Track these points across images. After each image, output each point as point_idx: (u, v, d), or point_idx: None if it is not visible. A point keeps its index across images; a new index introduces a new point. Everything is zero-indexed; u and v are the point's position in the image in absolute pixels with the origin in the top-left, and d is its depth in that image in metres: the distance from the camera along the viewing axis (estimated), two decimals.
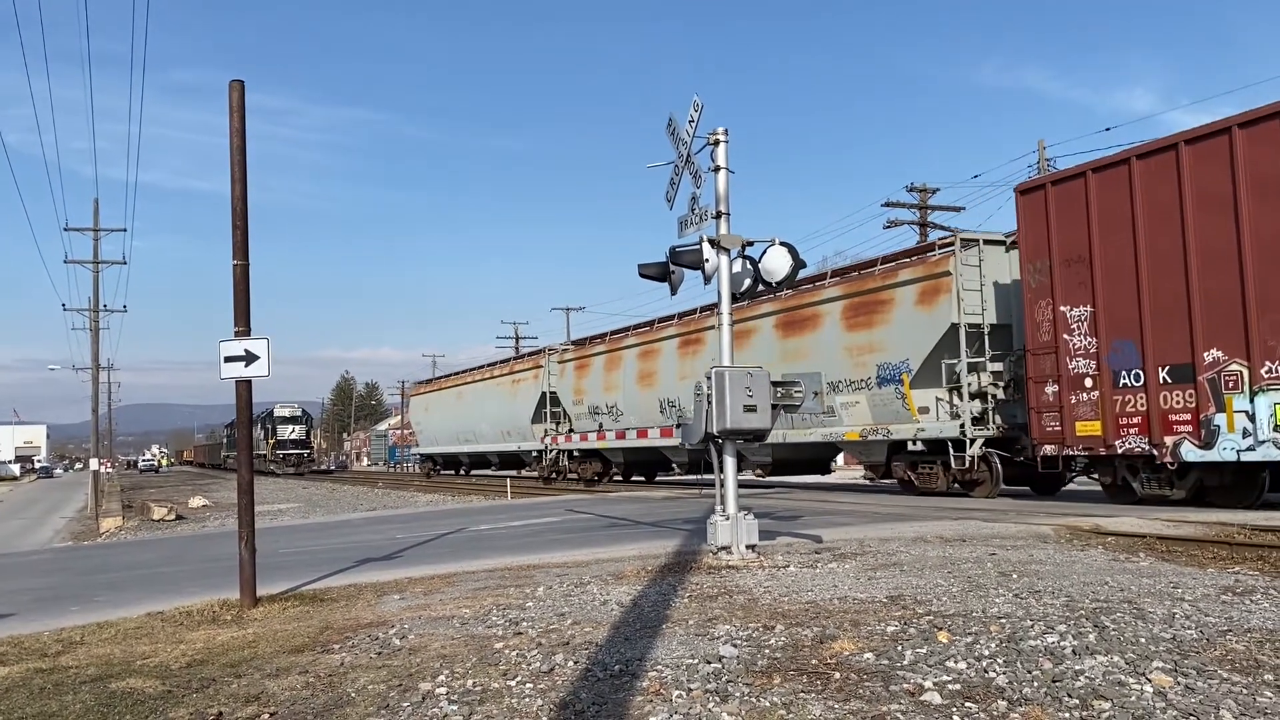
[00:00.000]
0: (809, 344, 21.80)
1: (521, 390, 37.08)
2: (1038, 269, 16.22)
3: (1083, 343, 15.45)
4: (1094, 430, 15.24)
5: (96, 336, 42.32)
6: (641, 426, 29.05)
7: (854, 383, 20.49)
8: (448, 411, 45.49)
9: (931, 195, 36.66)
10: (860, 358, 20.26)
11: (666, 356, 27.70)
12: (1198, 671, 4.92)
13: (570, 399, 33.20)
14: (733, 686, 5.00)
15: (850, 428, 20.86)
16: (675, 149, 10.88)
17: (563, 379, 33.97)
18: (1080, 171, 15.58)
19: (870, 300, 20.20)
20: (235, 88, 9.38)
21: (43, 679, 6.15)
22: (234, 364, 9.06)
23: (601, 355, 31.62)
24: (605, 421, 31.03)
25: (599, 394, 31.35)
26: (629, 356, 29.70)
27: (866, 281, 20.51)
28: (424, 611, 7.81)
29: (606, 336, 32.44)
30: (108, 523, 28.51)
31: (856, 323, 20.38)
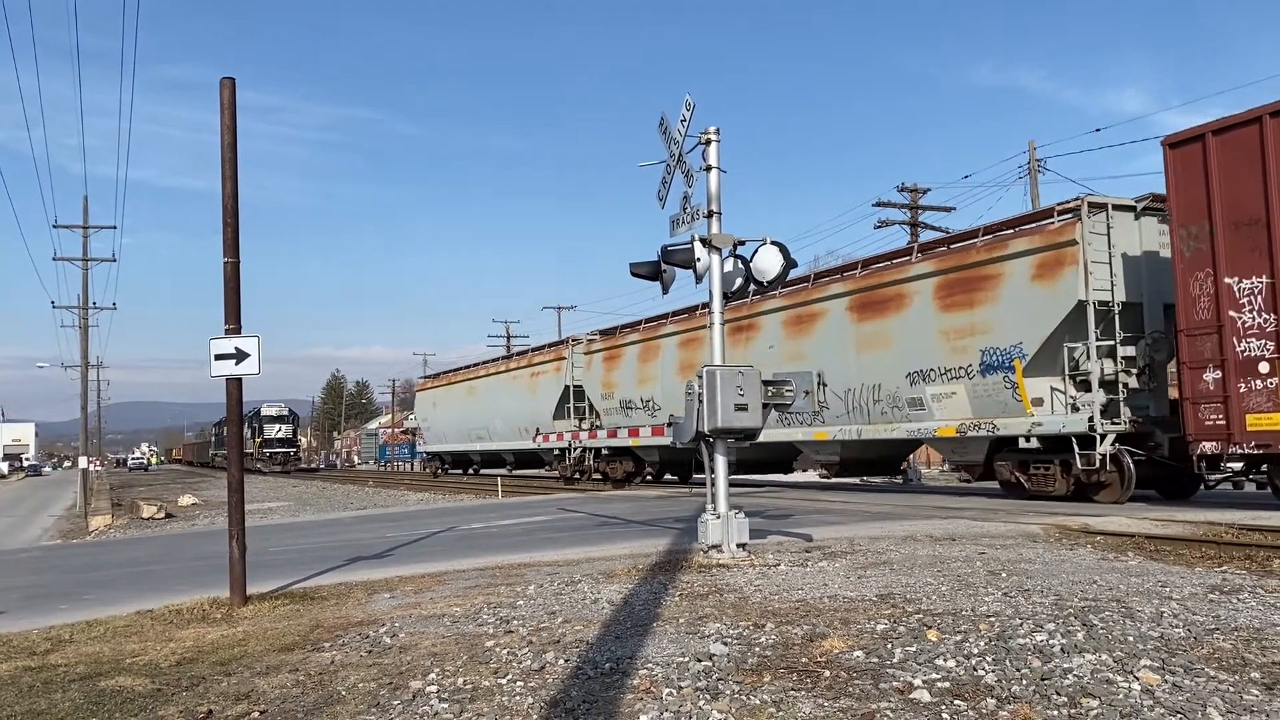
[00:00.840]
0: (892, 328, 19.34)
1: (542, 384, 34.70)
2: (1193, 235, 13.94)
3: (1256, 320, 13.26)
4: (1273, 424, 13.10)
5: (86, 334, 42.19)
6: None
7: (949, 371, 18.07)
8: (458, 407, 42.99)
9: (922, 195, 36.74)
10: (958, 342, 17.81)
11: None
12: (1185, 669, 4.95)
13: (598, 392, 30.89)
14: (723, 684, 5.01)
15: (944, 422, 18.39)
16: (667, 148, 10.89)
17: (589, 371, 31.51)
18: (1253, 117, 13.25)
19: (972, 276, 17.63)
20: (226, 85, 9.36)
21: (31, 677, 6.13)
22: (224, 362, 9.03)
23: (635, 345, 29.02)
24: (639, 416, 28.68)
25: (632, 387, 28.93)
26: (668, 346, 27.27)
27: (967, 255, 17.90)
28: (415, 610, 7.81)
29: (640, 325, 29.94)
30: (97, 521, 28.40)
31: (954, 302, 17.88)
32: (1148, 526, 11.87)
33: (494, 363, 41.57)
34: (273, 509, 29.09)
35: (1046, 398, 16.59)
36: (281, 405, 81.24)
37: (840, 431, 21.03)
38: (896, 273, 19.58)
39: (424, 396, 48.53)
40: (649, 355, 28.18)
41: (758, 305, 23.27)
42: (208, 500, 36.06)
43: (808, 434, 21.96)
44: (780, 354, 22.02)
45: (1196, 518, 12.65)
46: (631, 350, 29.11)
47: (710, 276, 10.51)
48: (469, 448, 42.58)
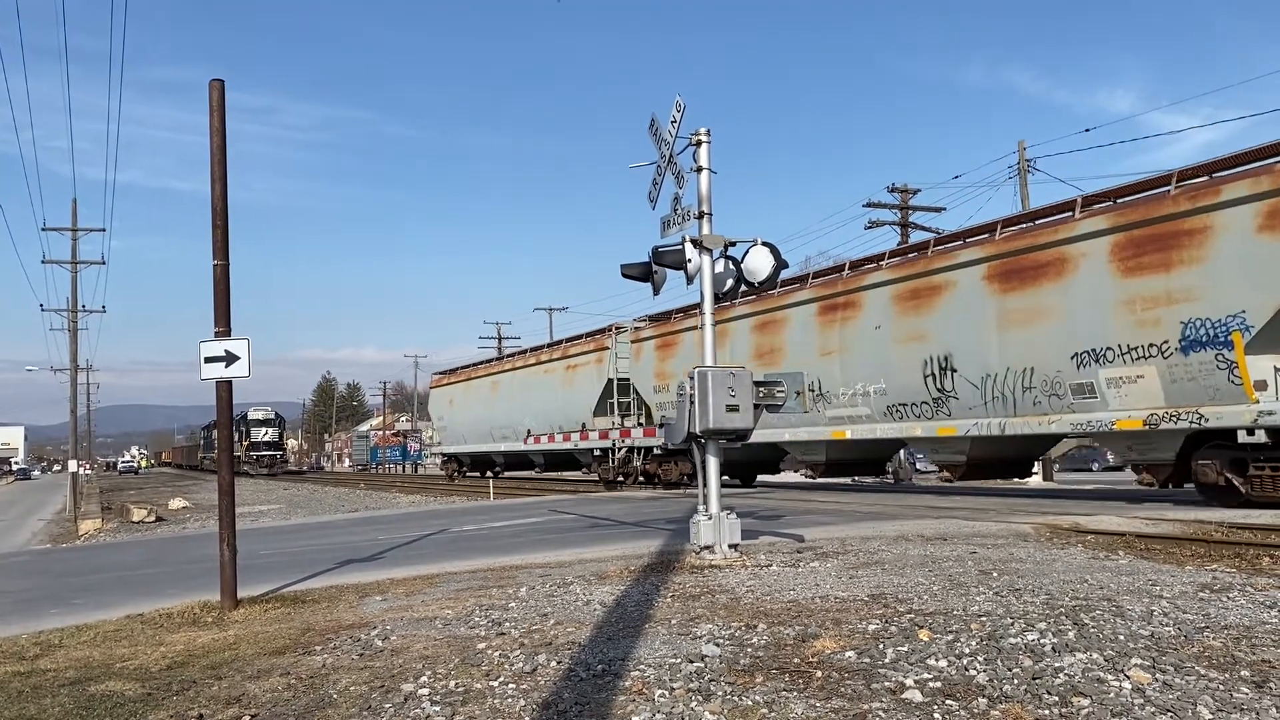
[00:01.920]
0: (1050, 299, 16.17)
1: (579, 377, 31.44)
2: None
3: None
4: None
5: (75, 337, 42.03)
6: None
7: (1134, 349, 14.90)
8: (479, 405, 39.45)
9: (912, 196, 36.81)
10: (1147, 313, 14.61)
11: (799, 327, 22.01)
12: (1176, 668, 4.97)
13: (650, 385, 27.60)
14: (715, 685, 5.01)
15: (1124, 412, 15.18)
16: (658, 149, 10.90)
17: (638, 362, 28.22)
18: None
19: (1166, 232, 14.49)
20: (215, 87, 9.33)
21: (21, 682, 6.10)
22: (214, 365, 9.01)
23: (696, 330, 24.74)
24: None
25: None
26: (739, 330, 24.16)
27: (1157, 205, 14.74)
28: (406, 612, 7.79)
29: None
30: (87, 525, 28.28)
31: (1140, 265, 14.71)
32: (1138, 525, 11.91)
33: (521, 355, 37.73)
34: (263, 512, 29.01)
35: (1270, 380, 13.69)
36: (268, 409, 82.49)
37: (974, 426, 17.70)
38: (1053, 232, 16.35)
39: (439, 394, 44.95)
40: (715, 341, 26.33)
41: (857, 279, 20.51)
42: (198, 503, 35.94)
43: (929, 429, 18.74)
44: (892, 334, 19.22)
45: (1186, 516, 12.70)
46: (693, 337, 25.69)
47: (701, 278, 10.52)
48: (491, 448, 39.00)
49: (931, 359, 18.29)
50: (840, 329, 20.64)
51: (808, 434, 21.96)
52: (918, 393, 18.73)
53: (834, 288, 21.15)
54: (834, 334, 20.80)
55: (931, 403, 18.50)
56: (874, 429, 20.15)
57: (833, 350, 20.86)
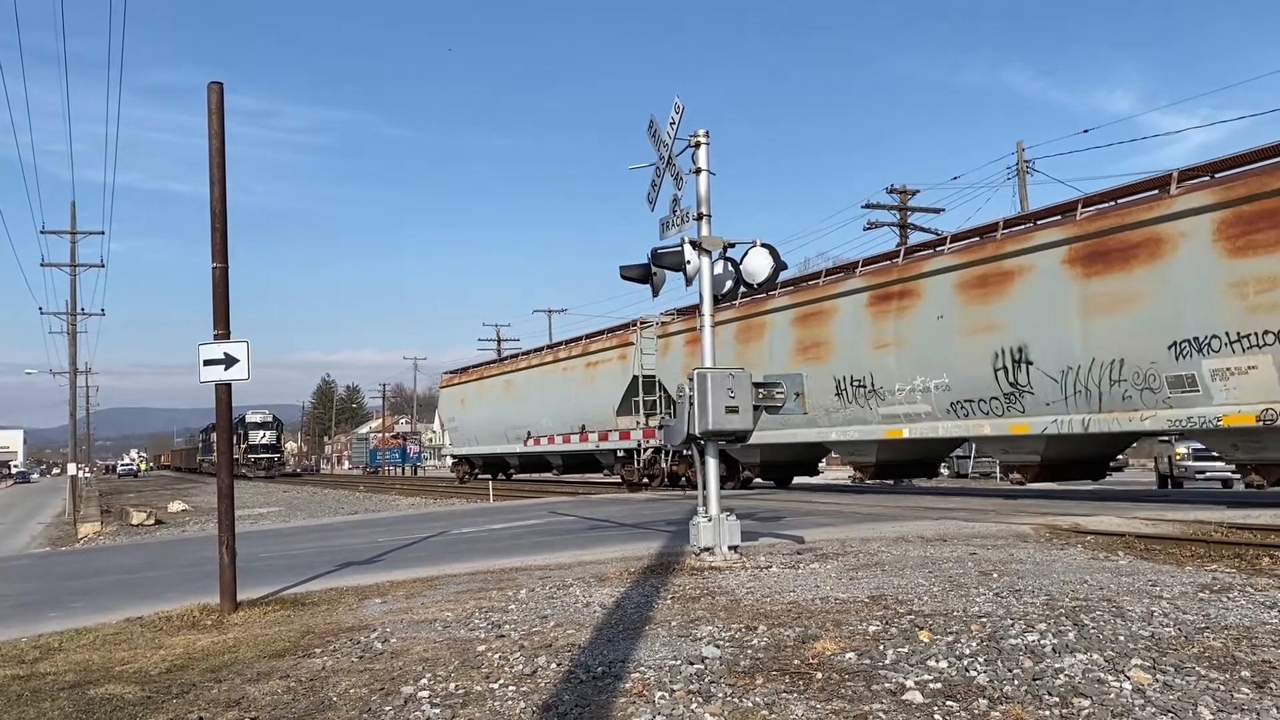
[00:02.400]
0: (1144, 284, 14.85)
1: (601, 375, 29.97)
2: None
3: None
4: None
5: (74, 340, 42.01)
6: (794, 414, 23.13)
7: (1245, 337, 13.63)
8: (492, 404, 37.91)
9: (911, 197, 36.83)
10: (1262, 296, 13.40)
11: (847, 318, 20.53)
12: (1176, 669, 4.96)
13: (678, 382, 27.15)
14: (715, 687, 5.01)
15: (1233, 407, 13.93)
16: (656, 151, 10.90)
17: (665, 358, 26.67)
18: None
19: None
20: (214, 90, 9.33)
21: (20, 686, 6.09)
22: (213, 367, 9.01)
23: (732, 323, 24.28)
24: None
25: None
26: (778, 322, 22.55)
27: (1270, 178, 13.42)
28: (406, 615, 7.78)
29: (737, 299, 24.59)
30: (86, 528, 28.27)
31: (1254, 243, 13.51)
32: (1138, 526, 11.90)
33: (537, 353, 36.03)
34: (263, 514, 28.99)
35: None
36: (266, 412, 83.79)
37: (1053, 423, 16.36)
38: (1146, 210, 15.11)
39: (450, 394, 43.43)
40: (751, 334, 23.55)
41: (915, 266, 18.98)
42: (197, 506, 35.93)
43: (998, 427, 17.33)
44: (956, 324, 17.88)
45: (1186, 516, 12.70)
46: (728, 330, 24.28)
47: (700, 279, 10.52)
48: (505, 450, 37.28)
49: (1003, 351, 16.95)
50: (896, 320, 19.10)
51: (858, 433, 20.40)
52: (986, 387, 17.40)
53: (888, 275, 19.45)
54: (888, 325, 19.26)
55: (1002, 398, 17.14)
56: (935, 427, 18.71)
57: (887, 343, 19.34)
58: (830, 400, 20.72)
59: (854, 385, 20.15)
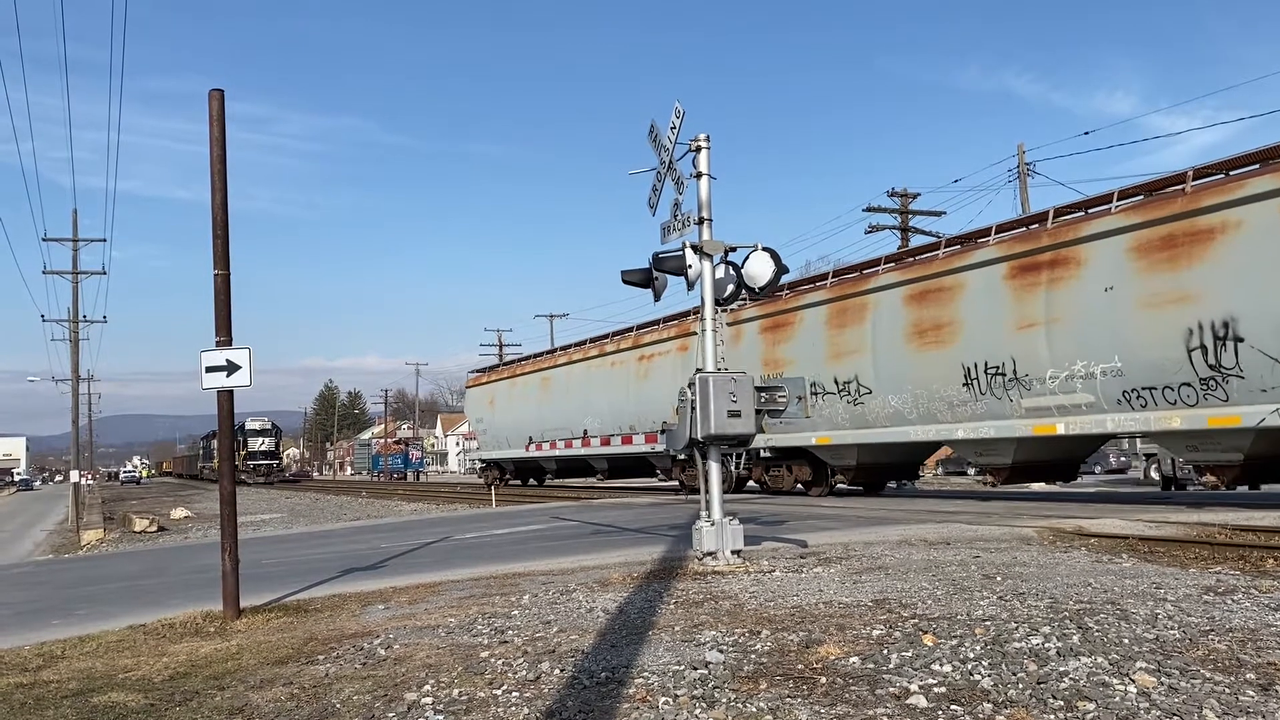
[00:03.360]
0: None
1: (657, 369, 27.10)
2: None
3: None
4: None
5: (76, 347, 42.04)
6: (903, 408, 19.05)
7: None
8: (526, 404, 35.03)
9: (912, 200, 36.82)
10: None
11: (979, 294, 17.59)
12: (1181, 671, 4.95)
13: (755, 374, 23.28)
14: (719, 692, 5.00)
15: None
16: (657, 155, 10.90)
17: (737, 346, 23.78)
18: None
19: None
20: (215, 97, 9.34)
21: (23, 694, 6.09)
22: (216, 374, 9.01)
23: (823, 305, 21.30)
24: (830, 404, 20.96)
25: (818, 363, 21.08)
26: (885, 303, 19.66)
27: None
28: (409, 621, 7.78)
29: (828, 277, 22.07)
30: (89, 535, 28.27)
31: None
32: (1141, 528, 11.89)
33: (578, 347, 33.05)
34: (265, 521, 28.99)
35: None
36: (265, 419, 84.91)
37: (1275, 414, 13.73)
38: None
39: (477, 394, 40.32)
40: (847, 318, 20.60)
41: (1071, 229, 16.18)
42: (200, 513, 35.93)
43: (1193, 419, 14.56)
44: (1132, 296, 15.16)
45: (1190, 519, 12.68)
46: (815, 314, 21.47)
47: (702, 283, 10.52)
48: (542, 453, 34.35)
49: (1200, 327, 14.20)
50: (1047, 294, 16.22)
51: (993, 429, 17.51)
52: (1175, 371, 14.59)
53: (1034, 241, 16.66)
54: (1036, 301, 16.40)
55: (1198, 384, 14.39)
56: (1101, 421, 15.87)
57: (1035, 322, 16.42)
58: (955, 391, 17.94)
59: (989, 373, 17.23)
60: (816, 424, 21.14)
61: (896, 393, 19.23)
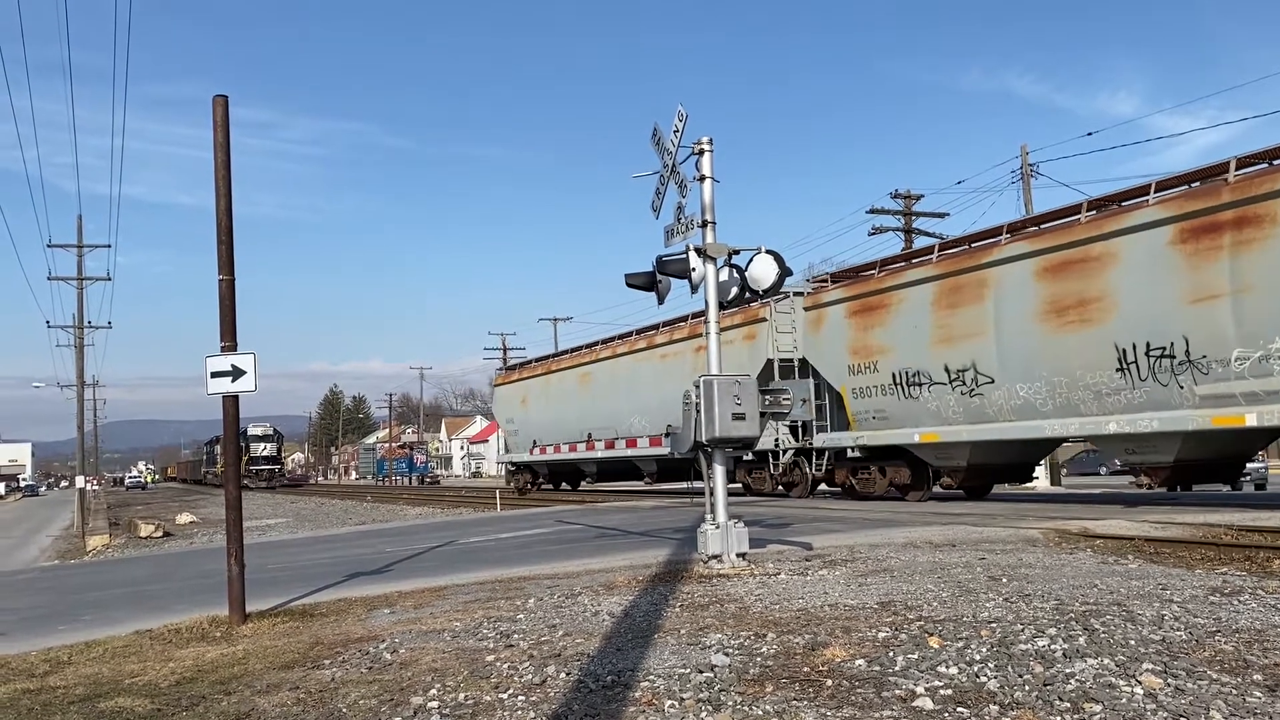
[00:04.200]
0: None
1: None
2: None
3: None
4: None
5: (81, 353, 42.12)
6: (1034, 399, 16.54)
7: None
8: (563, 402, 32.69)
9: (915, 202, 36.81)
10: None
11: (1138, 262, 14.98)
12: (1187, 673, 4.95)
13: (841, 364, 20.65)
14: (725, 695, 5.00)
15: None
16: (660, 159, 10.91)
17: (817, 333, 21.39)
18: None
19: None
20: (219, 103, 9.37)
21: (31, 699, 6.10)
22: (221, 379, 9.02)
23: (928, 283, 18.58)
24: (937, 396, 18.35)
25: (920, 349, 18.54)
26: (1011, 278, 16.94)
27: None
28: (414, 625, 7.78)
29: (933, 251, 19.25)
30: (94, 541, 28.32)
31: None
32: (1147, 529, 11.87)
33: (624, 339, 30.26)
34: (271, 526, 29.03)
35: None
36: (267, 425, 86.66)
37: None
38: None
39: (507, 392, 37.86)
40: (961, 296, 17.89)
41: (1258, 182, 13.61)
42: (205, 518, 35.98)
43: None
44: None
45: (1195, 519, 12.66)
46: (918, 294, 18.77)
47: (705, 286, 10.52)
48: (581, 455, 31.95)
49: None
50: (1230, 260, 13.67)
51: (1156, 422, 14.94)
52: None
53: (1213, 199, 14.02)
54: (1217, 268, 13.88)
55: None
56: None
57: (1216, 293, 13.91)
58: (1105, 378, 15.47)
59: (1152, 355, 14.74)
60: (919, 419, 18.76)
61: (1026, 381, 16.63)
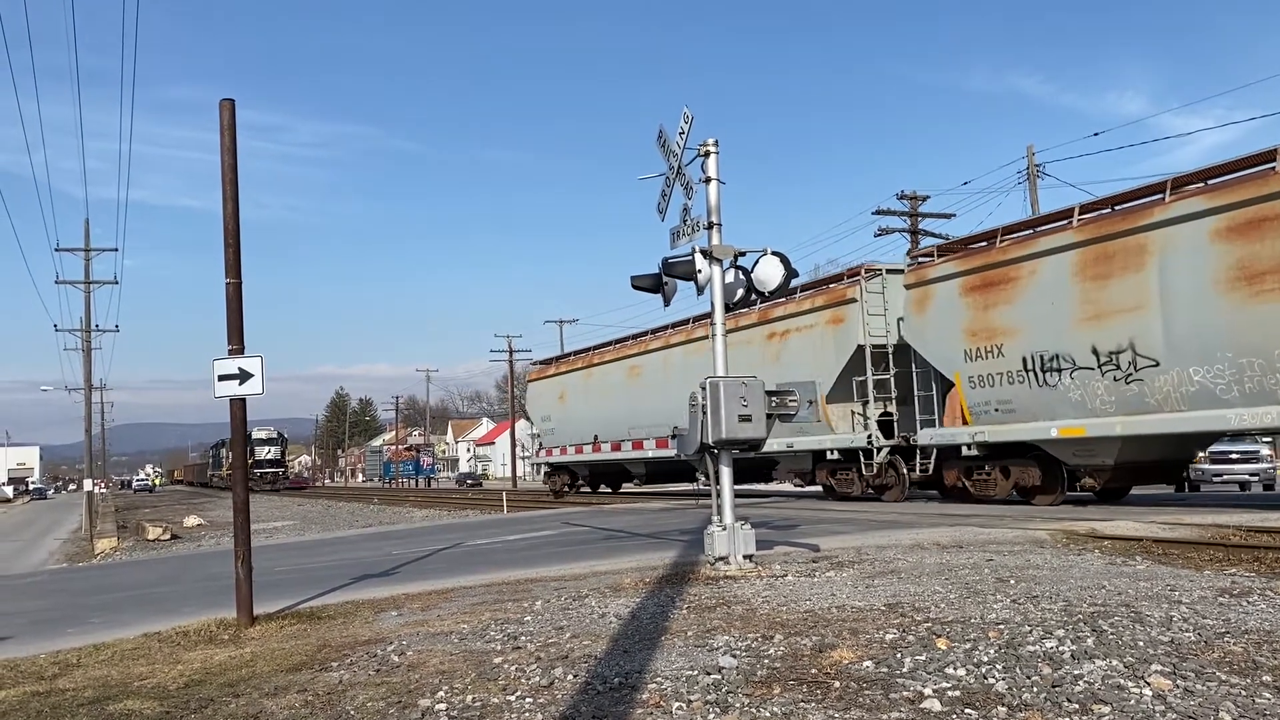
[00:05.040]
0: None
1: (795, 347, 22.19)
2: None
3: None
4: None
5: (89, 357, 42.23)
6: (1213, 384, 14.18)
7: None
8: (609, 398, 30.07)
9: (921, 203, 36.77)
10: None
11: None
12: (1196, 674, 4.93)
13: (955, 348, 18.14)
14: (732, 697, 4.99)
15: None
16: (666, 161, 10.92)
17: (922, 314, 18.93)
18: None
19: None
20: (226, 107, 9.40)
21: (40, 702, 6.12)
22: (228, 382, 9.05)
23: (1064, 253, 16.16)
24: (1081, 382, 15.86)
25: (1060, 329, 16.10)
26: (1178, 240, 14.63)
27: None
28: (422, 627, 7.79)
29: (1072, 216, 16.48)
30: (103, 544, 28.38)
31: None
32: (1155, 530, 11.84)
33: (677, 328, 27.82)
34: (278, 528, 29.08)
35: None
36: (270, 429, 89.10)
37: None
38: None
39: (543, 388, 35.38)
40: (1114, 265, 15.52)
41: None
42: (213, 521, 36.06)
43: None
44: None
45: (1204, 520, 12.62)
46: (1056, 264, 16.36)
47: (712, 288, 10.52)
48: (627, 455, 29.21)
49: None
50: None
51: None
52: None
53: None
54: None
55: None
56: None
57: None
58: None
59: None
60: (1056, 410, 16.34)
61: (1204, 363, 14.31)
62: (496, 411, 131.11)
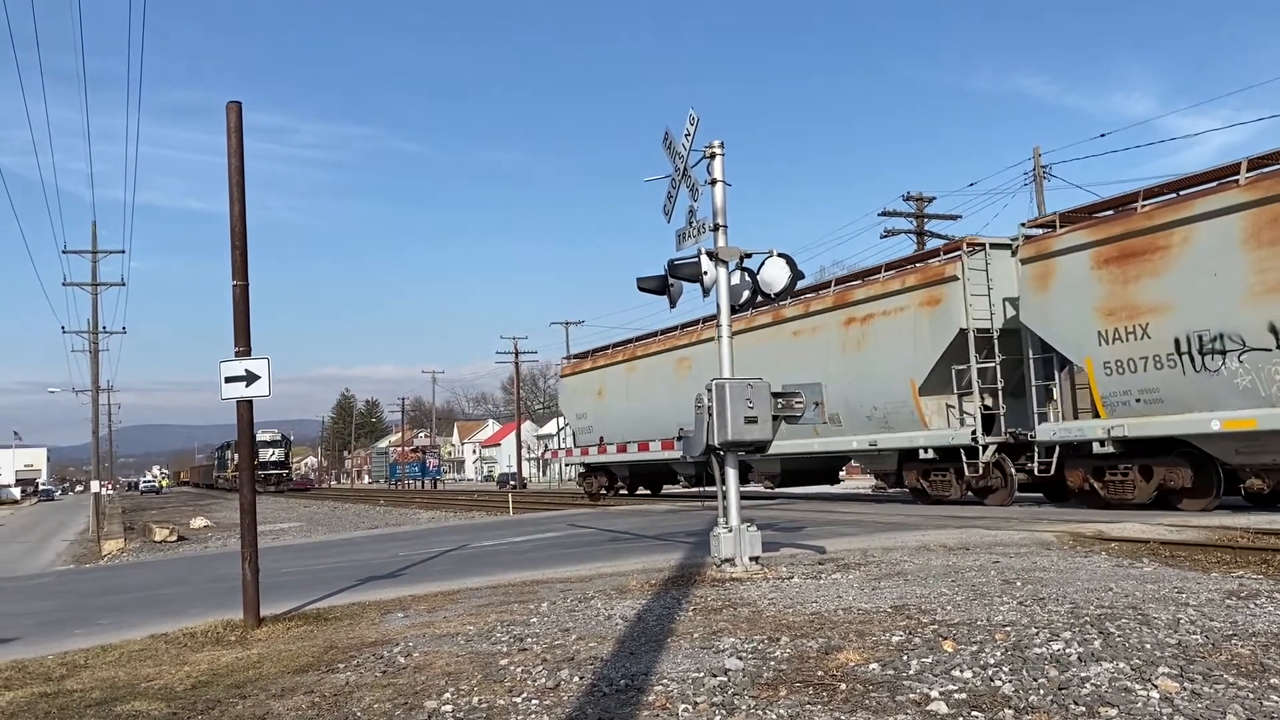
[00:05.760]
0: None
1: (882, 333, 19.87)
2: None
3: None
4: None
5: (96, 359, 42.38)
6: None
7: None
8: (654, 392, 27.67)
9: (928, 204, 36.73)
10: None
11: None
12: (1204, 676, 4.92)
13: (1088, 329, 15.82)
14: (739, 699, 4.99)
15: None
16: (672, 162, 10.92)
17: (1043, 292, 16.60)
18: None
19: None
20: (233, 109, 9.42)
21: (47, 703, 6.13)
22: (235, 384, 9.07)
23: (1227, 216, 13.84)
24: (1263, 367, 13.50)
25: (1227, 305, 13.87)
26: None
27: None
28: (428, 629, 7.80)
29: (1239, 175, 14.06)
30: (109, 545, 28.46)
31: None
32: (1162, 532, 11.81)
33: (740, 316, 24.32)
34: (284, 530, 29.13)
35: None
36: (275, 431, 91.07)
37: None
38: None
39: (578, 383, 33.19)
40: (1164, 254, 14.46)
41: None
42: (219, 522, 36.13)
43: None
44: None
45: (1211, 522, 12.59)
46: (1218, 229, 14.02)
47: (717, 290, 10.52)
48: (676, 455, 25.75)
49: None
50: None
51: None
52: None
53: None
54: None
55: None
56: None
57: None
58: None
59: None
60: (1218, 399, 14.00)
61: None
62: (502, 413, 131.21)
